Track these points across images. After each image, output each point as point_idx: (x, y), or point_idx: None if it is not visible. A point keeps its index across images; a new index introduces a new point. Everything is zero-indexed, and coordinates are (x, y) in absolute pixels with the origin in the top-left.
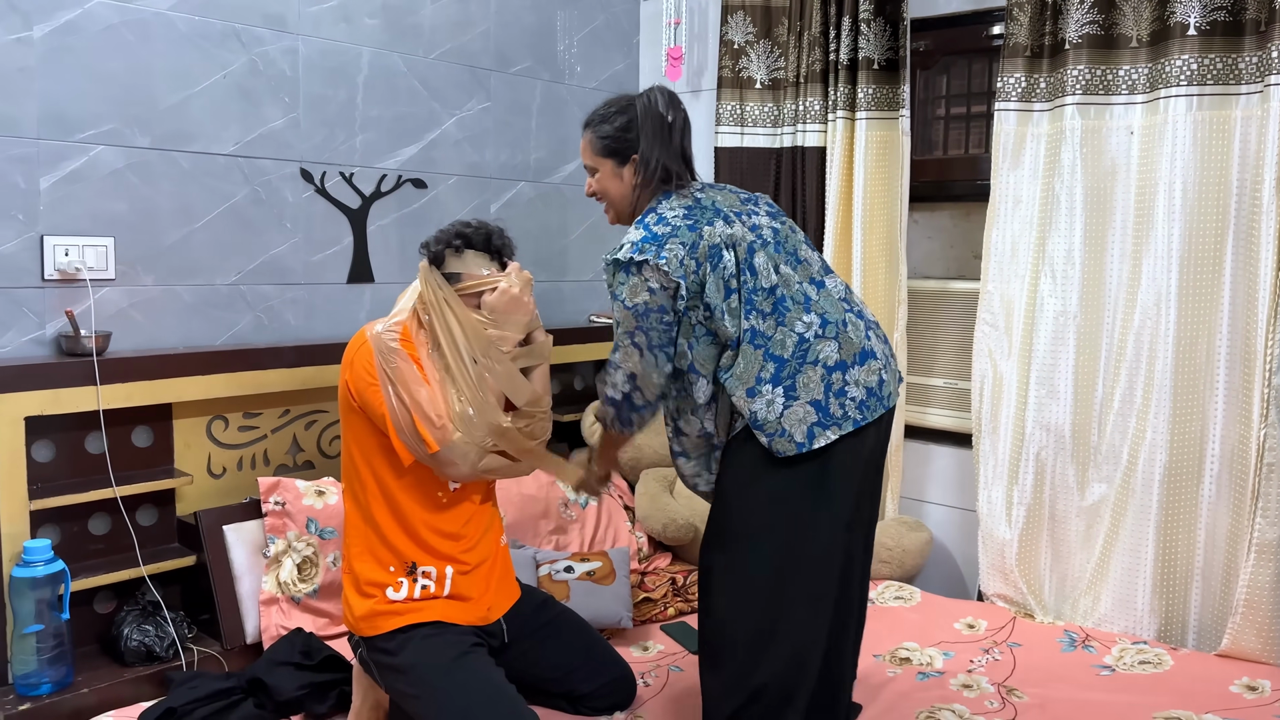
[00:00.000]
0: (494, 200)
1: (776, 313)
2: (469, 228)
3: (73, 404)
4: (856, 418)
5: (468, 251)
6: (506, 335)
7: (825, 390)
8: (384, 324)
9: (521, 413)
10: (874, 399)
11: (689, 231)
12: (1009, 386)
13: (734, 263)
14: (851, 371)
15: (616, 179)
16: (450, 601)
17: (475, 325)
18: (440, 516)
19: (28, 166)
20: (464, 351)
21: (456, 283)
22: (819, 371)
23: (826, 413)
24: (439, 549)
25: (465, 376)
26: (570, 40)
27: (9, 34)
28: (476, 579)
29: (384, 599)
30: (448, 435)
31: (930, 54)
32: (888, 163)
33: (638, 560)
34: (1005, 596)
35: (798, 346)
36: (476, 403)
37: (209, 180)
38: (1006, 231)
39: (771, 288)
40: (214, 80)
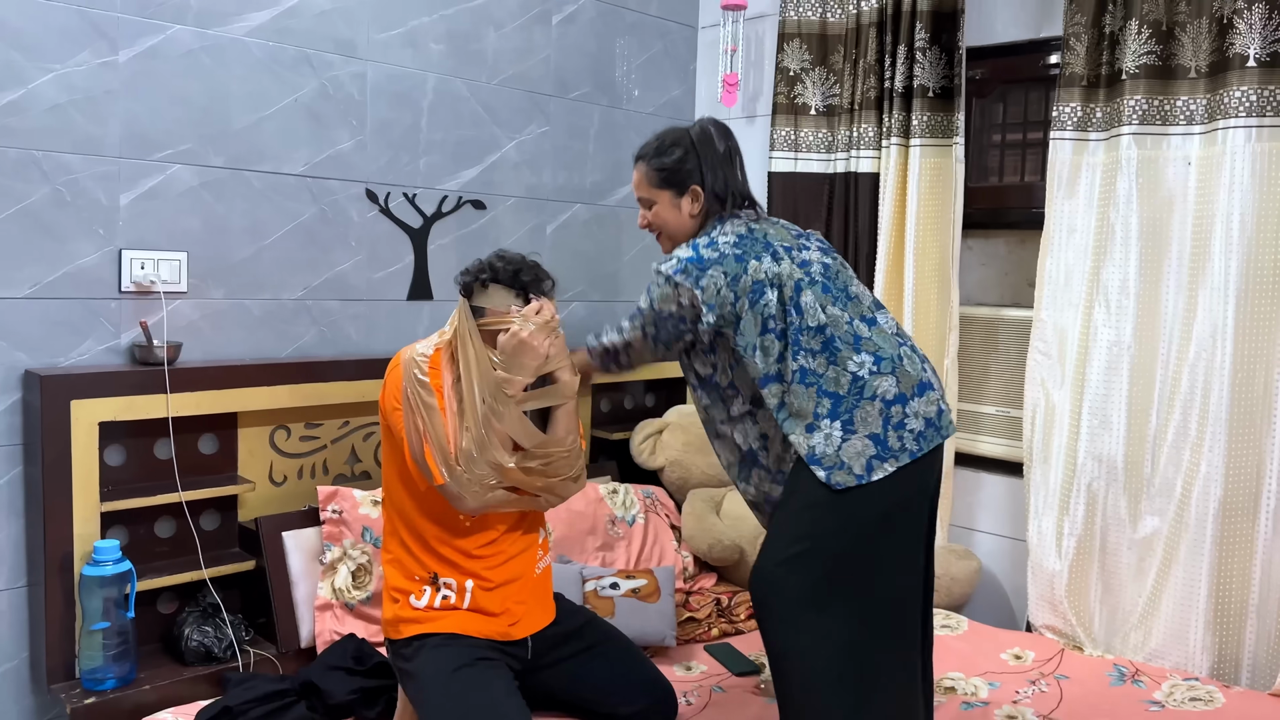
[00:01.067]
0: (550, 222)
1: (826, 352)
2: (500, 261)
3: (144, 411)
4: (914, 449)
5: (493, 285)
6: (514, 379)
7: (884, 424)
8: (422, 346)
9: (531, 453)
10: (931, 429)
11: (735, 263)
12: (1061, 416)
13: (777, 302)
14: (911, 404)
15: (675, 210)
16: (468, 614)
17: (487, 364)
18: (461, 537)
19: (109, 184)
20: (475, 389)
21: (480, 317)
22: (877, 406)
23: (885, 445)
24: (459, 564)
25: (474, 414)
26: (628, 67)
27: (96, 58)
28: (500, 596)
29: (407, 605)
30: (453, 470)
31: (986, 82)
32: (941, 189)
33: (683, 580)
34: (1054, 628)
35: (853, 384)
36: (479, 441)
37: (279, 199)
38: (1061, 260)
39: (820, 327)
40: (286, 103)
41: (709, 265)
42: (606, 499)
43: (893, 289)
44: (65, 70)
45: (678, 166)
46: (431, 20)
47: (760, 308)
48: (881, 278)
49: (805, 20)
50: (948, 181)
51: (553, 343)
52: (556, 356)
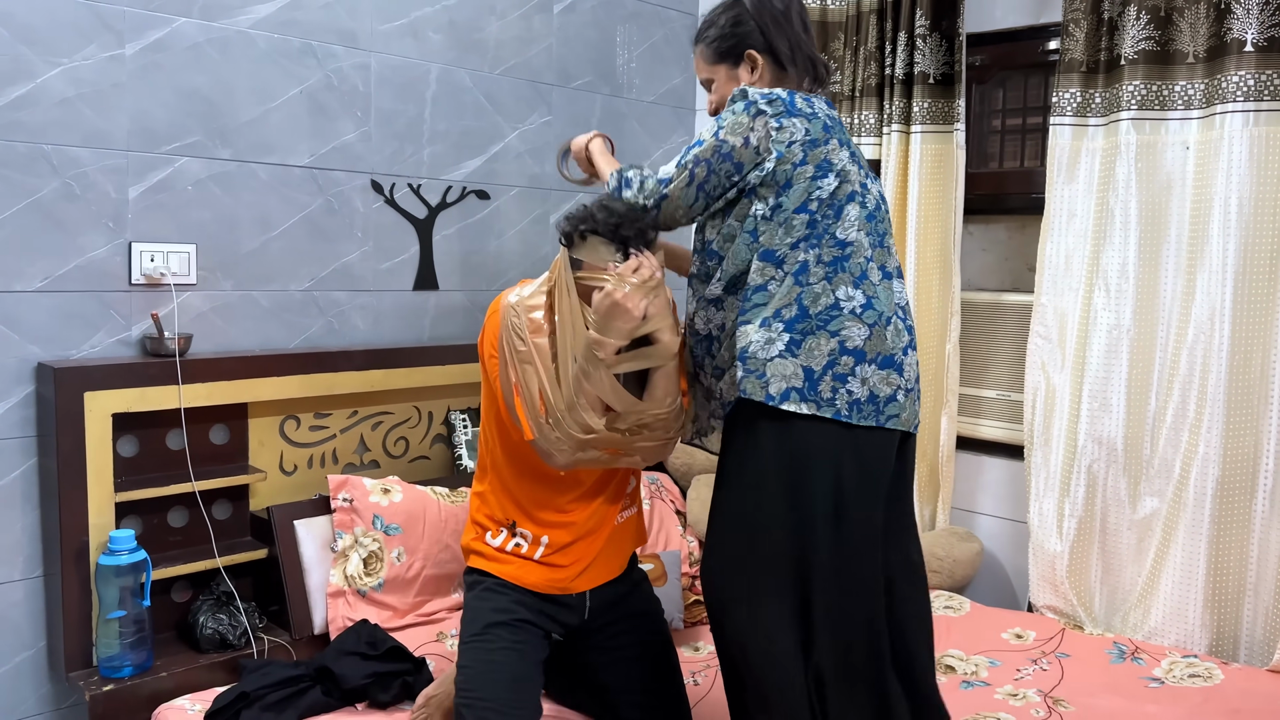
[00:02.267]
0: (554, 211)
1: (832, 266)
2: (602, 212)
3: (157, 402)
4: (842, 411)
5: (593, 237)
6: (606, 341)
7: (826, 366)
8: (519, 293)
9: (623, 416)
10: (871, 405)
11: (823, 130)
12: (1061, 399)
13: (829, 192)
14: (864, 367)
15: (734, 84)
16: (533, 565)
17: (580, 322)
18: (548, 492)
19: (118, 177)
20: (569, 346)
21: (578, 270)
22: (831, 345)
23: (814, 387)
24: (540, 518)
25: (566, 372)
26: (629, 55)
27: (103, 51)
28: (574, 550)
29: (481, 538)
30: (542, 428)
31: (986, 68)
32: (942, 175)
33: (689, 564)
34: (1055, 608)
35: (827, 311)
36: (569, 401)
37: (285, 191)
38: (1061, 245)
39: (843, 242)
40: (291, 95)
41: (798, 113)
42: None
43: None
44: (73, 64)
45: (731, 32)
46: (434, 10)
47: (814, 184)
48: None
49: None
50: (949, 167)
51: (651, 303)
52: (657, 316)
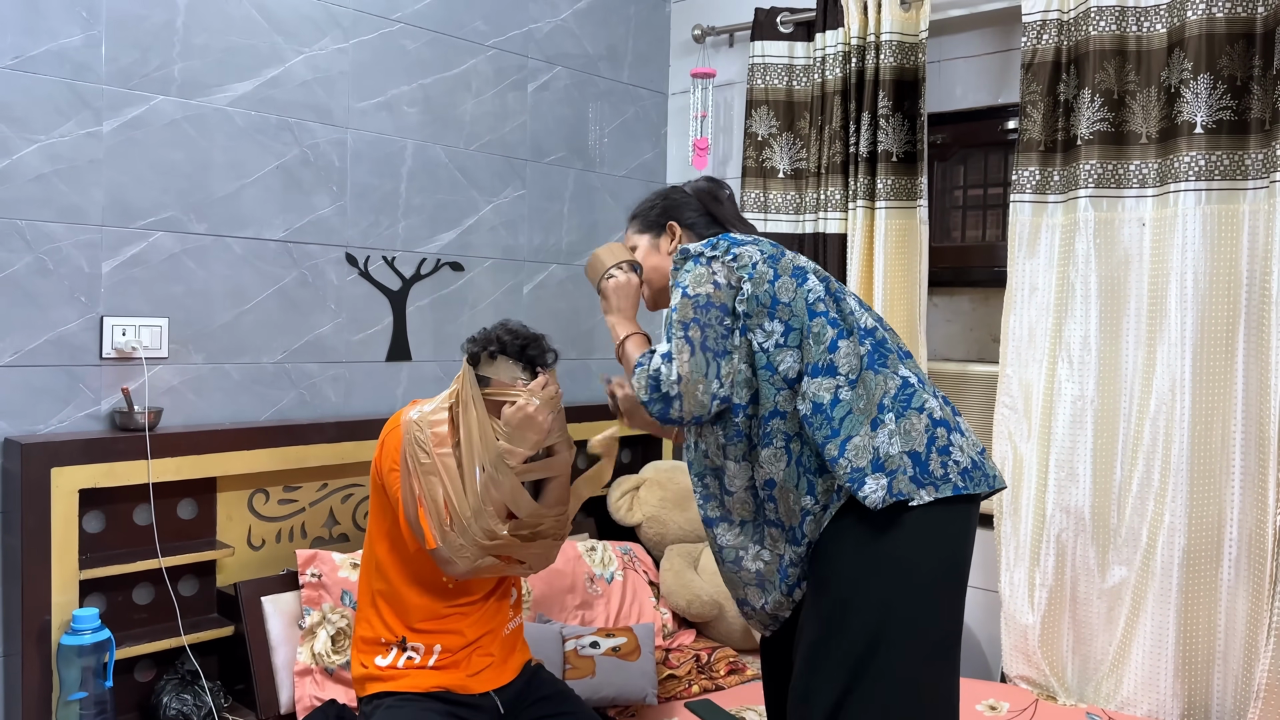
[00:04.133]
0: (527, 282)
1: (877, 351)
2: (508, 335)
3: (125, 477)
4: (959, 484)
5: (500, 358)
6: (515, 450)
7: (928, 443)
8: (422, 409)
9: (523, 522)
10: (979, 473)
11: (770, 247)
12: (1029, 469)
13: (824, 291)
14: (954, 435)
15: (654, 252)
16: (430, 671)
17: (490, 434)
18: (442, 600)
19: (92, 251)
20: (476, 456)
21: (485, 386)
22: (923, 420)
23: (925, 468)
24: (432, 629)
25: (472, 481)
26: (601, 131)
27: (80, 129)
28: (466, 653)
29: (372, 663)
30: (445, 535)
31: (947, 146)
32: (907, 249)
33: (662, 637)
34: (1028, 678)
35: (901, 390)
36: (475, 508)
37: (260, 264)
38: (1024, 317)
39: (867, 329)
40: (267, 170)
41: (741, 243)
42: (585, 556)
43: None
44: (50, 140)
45: (652, 205)
46: (410, 89)
47: (806, 289)
48: None
49: (772, 88)
50: (913, 242)
51: (555, 418)
52: (557, 431)
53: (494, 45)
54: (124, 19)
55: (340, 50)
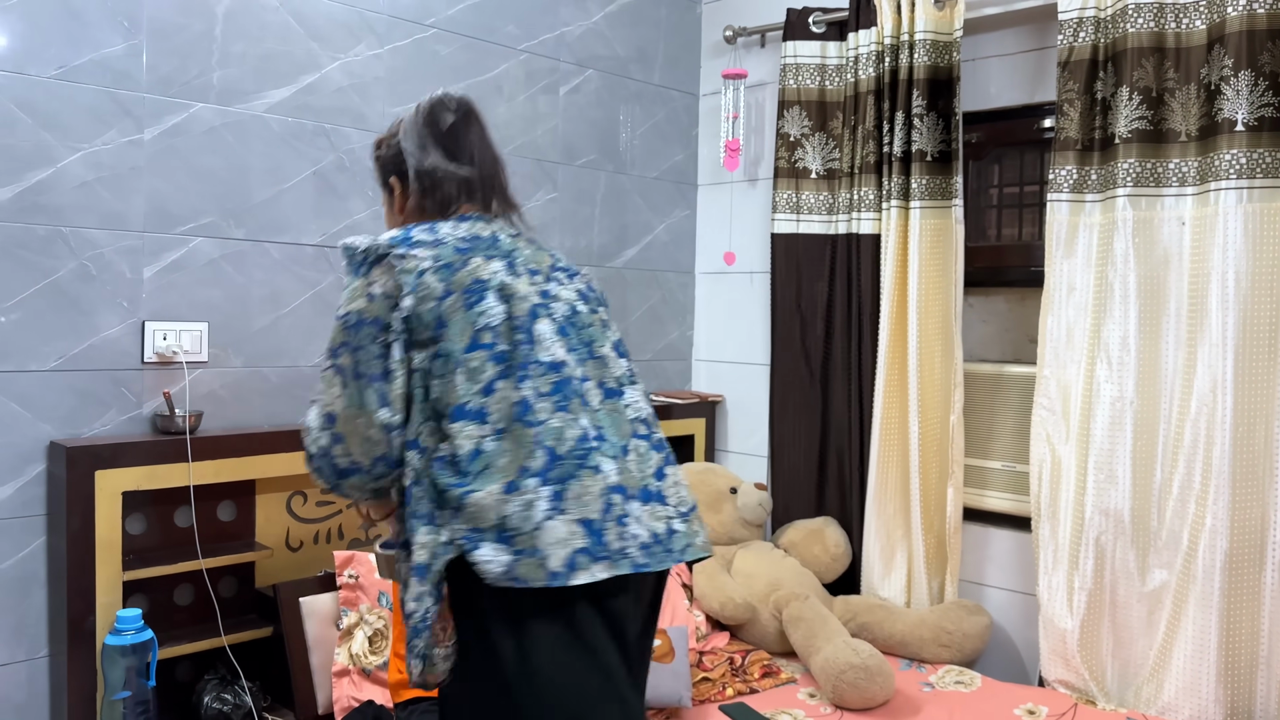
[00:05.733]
0: None
1: (559, 394)
2: None
3: (166, 480)
4: (639, 560)
5: None
6: None
7: (605, 510)
8: None
9: None
10: (660, 547)
11: (454, 252)
12: (1067, 471)
13: (503, 316)
14: (633, 503)
15: (389, 212)
16: None
17: None
18: None
19: (134, 257)
20: None
21: None
22: (599, 483)
23: (600, 540)
24: None
25: None
26: (633, 134)
27: (122, 136)
28: None
29: (405, 673)
30: None
31: (982, 145)
32: (942, 249)
33: (695, 639)
34: (1067, 682)
35: (579, 443)
36: None
37: (297, 269)
38: (1061, 318)
39: (555, 364)
40: (304, 176)
41: (417, 244)
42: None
43: (897, 347)
44: (93, 149)
45: (383, 155)
46: None
47: (476, 313)
48: (885, 336)
49: (804, 88)
50: (948, 241)
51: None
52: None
53: (526, 49)
54: (164, 28)
55: (375, 56)
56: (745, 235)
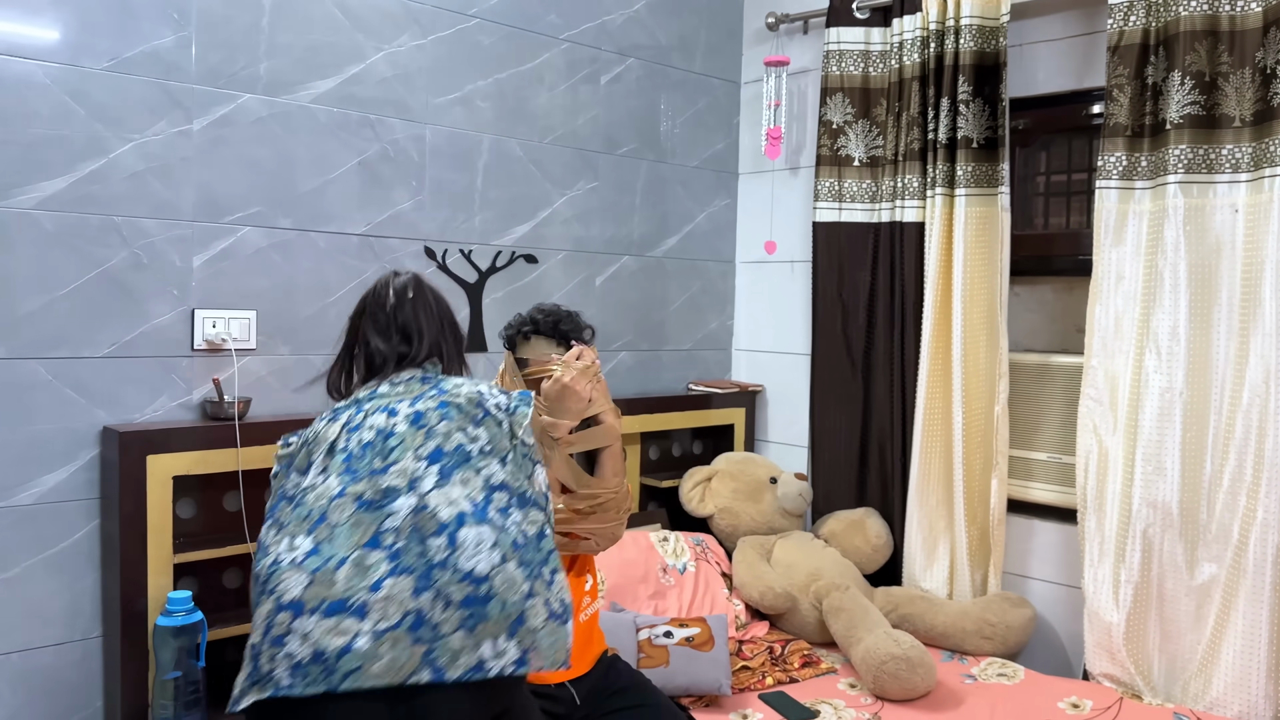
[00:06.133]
0: (599, 274)
1: (286, 522)
2: (540, 314)
3: (216, 464)
4: (284, 683)
5: (535, 337)
6: (559, 423)
7: (264, 633)
8: None
9: (578, 495)
10: (318, 667)
11: (311, 436)
12: (1115, 463)
13: (302, 469)
14: (302, 619)
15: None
16: None
17: (533, 411)
18: None
19: (184, 246)
20: None
21: (524, 368)
22: (269, 605)
23: (256, 665)
24: None
25: None
26: (673, 123)
27: (172, 127)
28: None
29: None
30: None
31: (1029, 131)
32: (987, 237)
33: (735, 628)
34: (1112, 676)
35: (270, 568)
36: None
37: (343, 258)
38: (1110, 307)
39: (302, 491)
40: (349, 166)
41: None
42: (657, 546)
43: (941, 336)
44: (144, 139)
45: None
46: (486, 84)
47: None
48: (929, 325)
49: (847, 74)
50: (994, 230)
51: (594, 387)
52: (599, 400)
53: (567, 38)
54: (213, 20)
55: (419, 46)
56: (786, 224)
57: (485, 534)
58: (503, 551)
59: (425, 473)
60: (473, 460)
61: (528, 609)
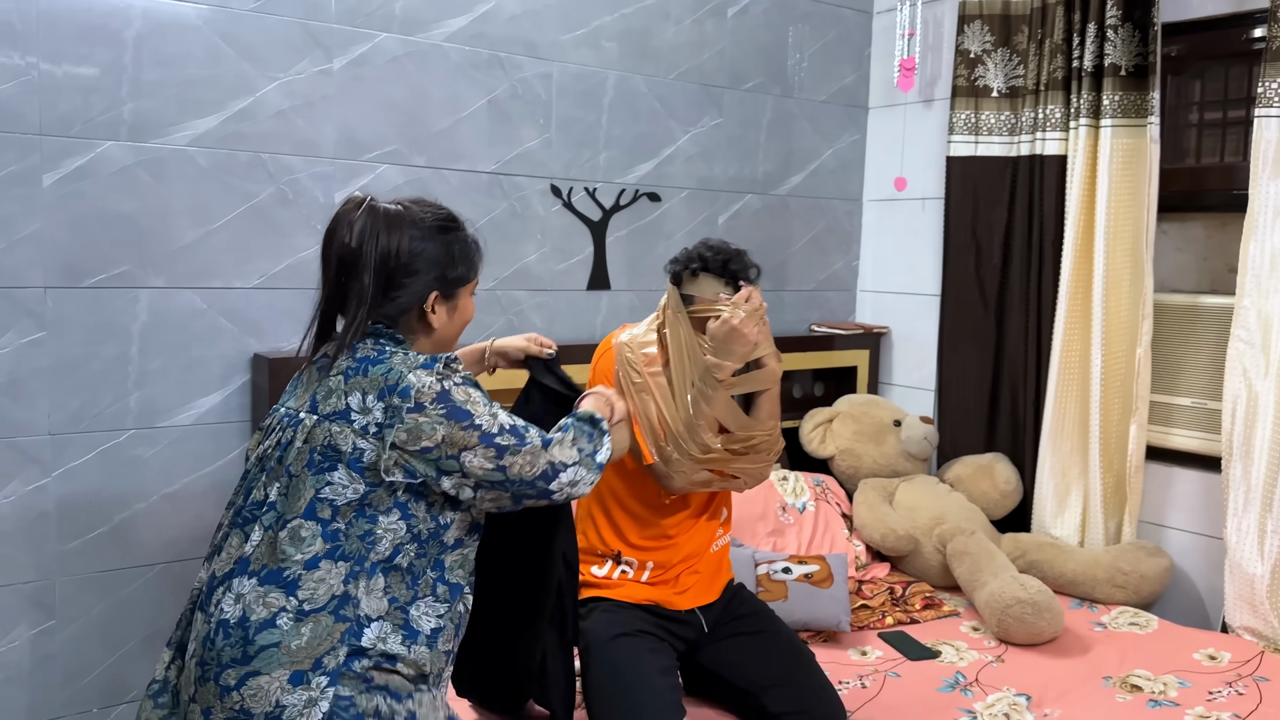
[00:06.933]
0: (722, 212)
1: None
2: (709, 251)
3: None
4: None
5: (703, 275)
6: (723, 364)
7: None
8: (632, 332)
9: (735, 436)
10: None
11: None
12: (1265, 408)
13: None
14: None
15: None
16: (643, 585)
17: (697, 350)
18: (656, 517)
19: (325, 183)
20: (685, 373)
21: (690, 305)
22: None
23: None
24: (644, 544)
25: (682, 397)
26: (801, 55)
27: (314, 66)
28: (676, 570)
29: (588, 572)
30: (663, 450)
31: (1183, 59)
32: (1134, 171)
33: (855, 569)
34: (1253, 630)
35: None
36: (688, 423)
37: (474, 195)
38: (1265, 244)
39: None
40: (479, 105)
41: None
42: (777, 485)
43: (1081, 276)
44: (288, 78)
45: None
46: (612, 19)
47: None
48: (1069, 264)
49: (987, 1)
50: (1141, 163)
51: (760, 330)
52: (763, 344)
53: None
54: None
55: None
56: (918, 160)
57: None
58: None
59: (270, 496)
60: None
61: None
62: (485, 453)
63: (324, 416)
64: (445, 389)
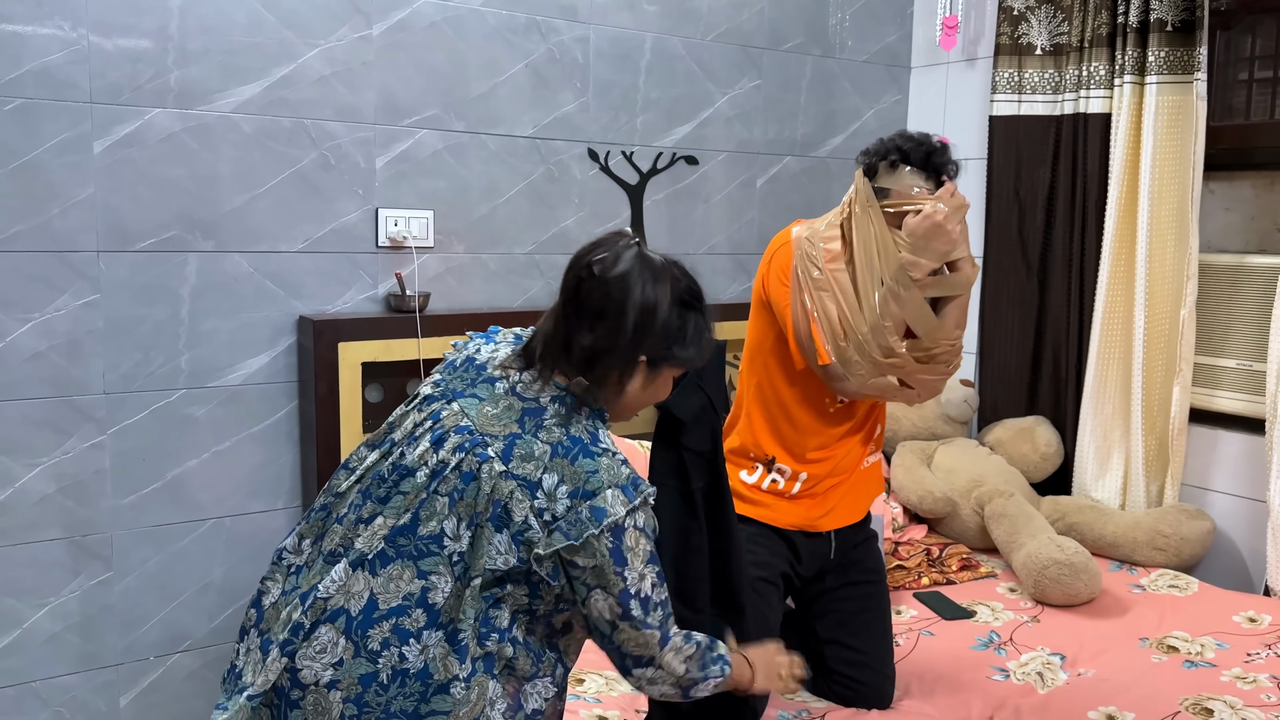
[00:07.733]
0: (760, 175)
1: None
2: (909, 142)
3: (400, 353)
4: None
5: (903, 167)
6: (920, 262)
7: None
8: (813, 226)
9: (920, 342)
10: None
11: None
12: None
13: None
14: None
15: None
16: (788, 504)
17: (891, 246)
18: (819, 425)
19: (366, 148)
20: (874, 271)
21: (884, 198)
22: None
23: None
24: (801, 453)
25: (869, 296)
26: (843, 14)
27: (354, 32)
28: (826, 485)
29: (737, 478)
30: (842, 350)
31: (1232, 13)
32: (1180, 129)
33: (892, 530)
34: None
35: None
36: (874, 324)
37: (512, 160)
38: None
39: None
40: (517, 70)
41: None
42: None
43: (1124, 236)
44: (328, 45)
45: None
46: None
47: None
48: (1112, 224)
49: None
50: (1188, 120)
51: (962, 230)
52: (962, 244)
53: None
54: None
55: None
56: (960, 119)
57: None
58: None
59: (404, 519)
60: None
61: None
62: (612, 605)
63: (513, 474)
64: (623, 526)
